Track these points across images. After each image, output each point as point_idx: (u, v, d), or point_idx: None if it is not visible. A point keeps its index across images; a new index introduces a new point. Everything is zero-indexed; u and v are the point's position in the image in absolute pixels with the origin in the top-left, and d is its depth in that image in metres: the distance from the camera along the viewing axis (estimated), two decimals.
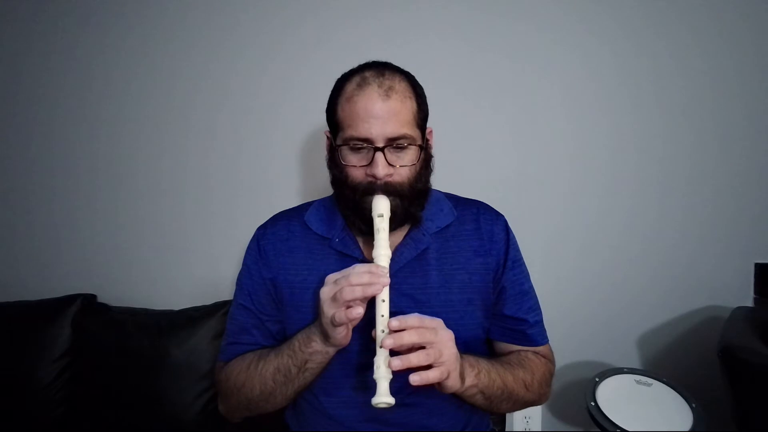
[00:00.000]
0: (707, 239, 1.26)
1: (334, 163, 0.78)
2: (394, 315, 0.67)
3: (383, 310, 0.67)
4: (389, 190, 0.73)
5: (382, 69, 0.74)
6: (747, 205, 1.24)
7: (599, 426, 1.02)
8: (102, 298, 1.41)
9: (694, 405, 1.05)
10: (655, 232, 1.28)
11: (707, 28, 1.21)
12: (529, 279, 0.86)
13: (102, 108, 1.40)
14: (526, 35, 1.25)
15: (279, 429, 0.89)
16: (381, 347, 0.64)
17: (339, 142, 0.75)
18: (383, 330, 0.65)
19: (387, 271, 0.68)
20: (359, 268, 0.67)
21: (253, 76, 1.34)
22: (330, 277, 0.68)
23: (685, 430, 0.99)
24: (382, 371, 0.64)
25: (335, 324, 0.66)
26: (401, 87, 0.73)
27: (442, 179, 0.85)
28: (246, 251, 0.86)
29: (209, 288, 1.38)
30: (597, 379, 1.12)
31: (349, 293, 0.64)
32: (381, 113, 0.70)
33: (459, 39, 1.27)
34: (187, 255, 1.42)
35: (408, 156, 0.74)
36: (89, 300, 1.37)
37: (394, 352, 0.64)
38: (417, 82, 0.78)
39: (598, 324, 1.31)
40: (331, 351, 0.72)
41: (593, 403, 1.05)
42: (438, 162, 0.81)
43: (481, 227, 0.83)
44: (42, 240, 1.46)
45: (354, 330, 0.70)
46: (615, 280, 1.30)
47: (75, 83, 1.40)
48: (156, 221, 1.42)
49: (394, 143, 0.72)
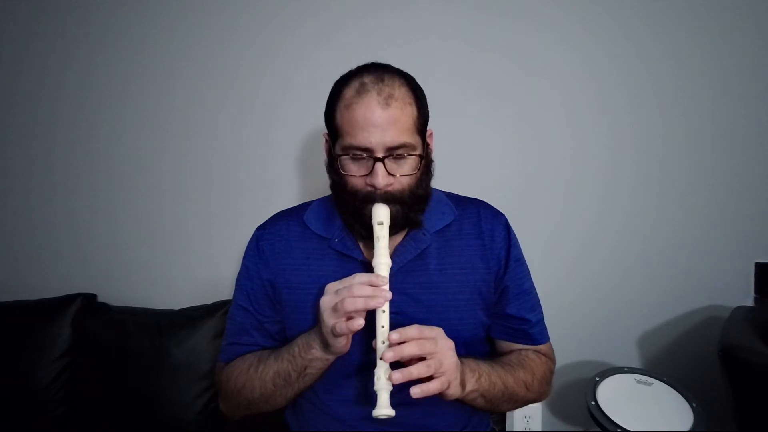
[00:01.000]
0: (707, 239, 1.26)
1: (333, 169, 0.77)
2: (394, 315, 0.67)
3: (383, 320, 0.66)
4: (389, 198, 0.72)
5: (381, 73, 0.72)
6: (747, 205, 1.24)
7: (600, 425, 1.02)
8: (102, 297, 1.41)
9: (694, 404, 1.05)
10: (656, 231, 1.28)
11: (707, 28, 1.21)
12: (530, 278, 0.86)
13: (102, 108, 1.40)
14: (526, 35, 1.25)
15: (279, 428, 0.89)
16: (381, 359, 0.64)
17: (338, 149, 0.73)
18: (383, 341, 0.65)
19: (387, 282, 0.68)
20: (360, 278, 0.66)
21: (253, 76, 1.34)
22: (330, 287, 0.68)
23: (686, 429, 0.99)
24: (382, 383, 0.64)
25: (335, 334, 0.66)
26: (401, 93, 0.71)
27: (442, 179, 0.84)
28: (245, 251, 0.86)
29: (209, 288, 1.38)
30: (597, 379, 1.12)
31: (351, 305, 0.64)
32: (380, 122, 0.68)
33: (459, 39, 1.27)
34: (187, 255, 1.42)
35: (408, 164, 0.73)
36: (89, 300, 1.37)
37: (395, 362, 0.64)
38: (417, 84, 0.76)
39: (598, 323, 1.31)
40: (331, 358, 0.72)
41: (594, 403, 1.05)
42: (438, 162, 0.81)
43: (482, 226, 0.83)
44: (42, 240, 1.46)
45: (354, 333, 0.69)
46: (615, 279, 1.30)
47: (75, 83, 1.40)
48: (156, 221, 1.42)
49: (394, 153, 0.70)
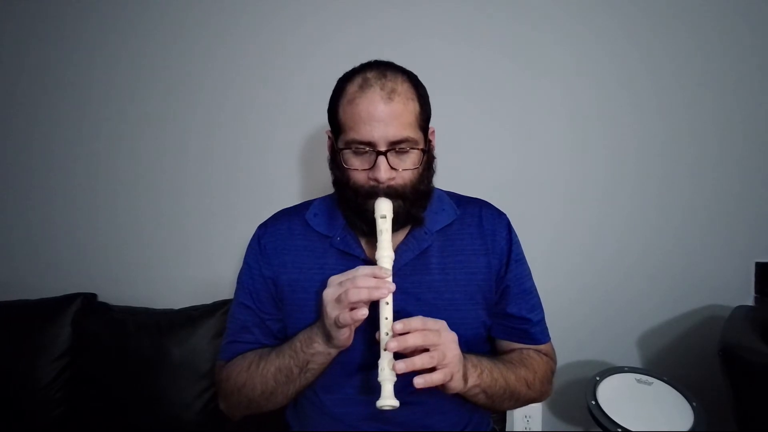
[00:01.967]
0: (707, 239, 1.26)
1: (335, 165, 0.77)
2: (396, 314, 0.67)
3: (387, 312, 0.66)
4: (392, 193, 0.72)
5: (384, 69, 0.73)
6: (747, 205, 1.24)
7: (600, 425, 1.02)
8: (102, 297, 1.41)
9: (694, 404, 1.05)
10: (656, 231, 1.28)
11: (707, 28, 1.21)
12: (531, 277, 0.86)
13: (102, 108, 1.40)
14: (526, 36, 1.25)
15: (279, 428, 0.89)
16: (385, 350, 0.64)
17: (341, 144, 0.74)
18: (387, 333, 0.65)
19: (390, 273, 0.68)
20: (363, 270, 0.67)
21: (253, 76, 1.34)
22: (333, 279, 0.68)
23: (686, 429, 0.99)
24: (386, 374, 0.64)
25: (339, 325, 0.66)
26: (403, 88, 0.72)
27: (443, 179, 0.85)
28: (247, 249, 0.86)
29: (209, 287, 1.38)
30: (597, 378, 1.12)
31: (355, 295, 0.64)
32: (383, 116, 0.69)
33: (460, 39, 1.27)
34: (187, 254, 1.41)
35: (411, 159, 0.73)
36: (89, 299, 1.37)
37: (397, 354, 0.64)
38: (420, 82, 0.76)
39: (598, 323, 1.31)
40: (333, 352, 0.72)
41: (594, 402, 1.05)
42: (439, 162, 0.81)
43: (484, 226, 0.83)
44: (42, 240, 1.46)
45: (356, 330, 0.70)
46: (615, 279, 1.30)
47: (75, 83, 1.40)
48: (156, 221, 1.41)
49: (396, 147, 0.71)
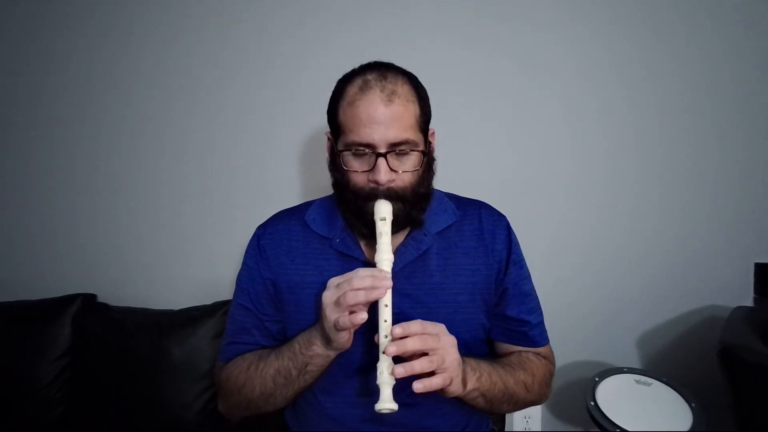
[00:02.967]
0: (707, 239, 1.26)
1: (335, 167, 0.77)
2: (395, 316, 0.67)
3: (386, 315, 0.66)
4: (391, 195, 0.72)
5: (384, 71, 0.72)
6: (747, 205, 1.24)
7: (599, 426, 1.02)
8: (102, 297, 1.41)
9: (693, 404, 1.05)
10: (655, 231, 1.28)
11: (707, 28, 1.21)
12: (531, 280, 0.86)
13: (102, 108, 1.40)
14: (526, 36, 1.25)
15: (279, 429, 0.89)
16: (384, 353, 0.64)
17: (340, 146, 0.74)
18: (386, 336, 0.65)
19: (389, 275, 0.68)
20: (362, 272, 0.67)
21: (253, 76, 1.34)
22: (332, 281, 0.68)
23: (685, 429, 0.99)
24: (385, 377, 0.64)
25: (338, 328, 0.66)
26: (404, 90, 0.71)
27: (442, 180, 0.84)
28: (246, 251, 0.86)
29: (209, 287, 1.38)
30: (597, 379, 1.12)
31: (353, 297, 0.64)
32: (383, 118, 0.69)
33: (459, 40, 1.27)
34: (187, 255, 1.42)
35: (410, 161, 0.73)
36: (89, 299, 1.37)
37: (397, 356, 0.64)
38: (420, 83, 0.76)
39: (598, 323, 1.31)
40: (332, 354, 0.72)
41: (593, 403, 1.05)
42: (439, 163, 0.81)
43: (483, 228, 0.83)
44: (42, 240, 1.46)
45: (355, 331, 0.70)
46: (615, 279, 1.30)
47: (75, 84, 1.40)
48: (156, 221, 1.42)
49: (396, 149, 0.71)
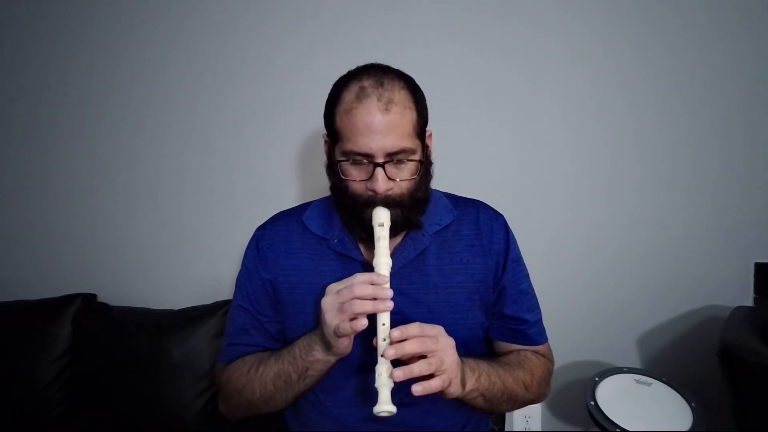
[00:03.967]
0: (707, 239, 1.26)
1: (333, 173, 0.77)
2: (394, 315, 0.67)
3: (384, 318, 0.66)
4: (389, 202, 0.72)
5: (380, 77, 0.71)
6: (747, 205, 1.24)
7: (599, 425, 1.02)
8: (102, 297, 1.41)
9: (693, 404, 1.05)
10: (655, 231, 1.27)
11: (707, 29, 1.21)
12: (529, 278, 0.86)
13: (102, 108, 1.40)
14: (525, 37, 1.25)
15: (279, 429, 0.89)
16: (382, 356, 0.64)
17: (338, 154, 0.74)
18: (384, 339, 0.65)
19: (388, 281, 0.68)
20: (361, 278, 0.67)
21: (253, 77, 1.34)
22: (332, 287, 0.68)
23: (685, 429, 0.99)
24: (383, 380, 0.64)
25: (338, 334, 0.66)
26: (401, 97, 0.70)
27: (441, 180, 0.84)
28: (245, 252, 0.86)
29: (209, 288, 1.38)
30: (597, 379, 1.12)
31: (360, 307, 0.64)
32: (381, 127, 0.69)
33: (459, 41, 1.27)
34: (187, 255, 1.42)
35: (408, 169, 0.73)
36: (89, 299, 1.37)
37: (395, 359, 0.64)
38: (416, 86, 0.76)
39: (597, 323, 1.31)
40: (332, 359, 0.72)
41: (593, 403, 1.05)
42: (438, 163, 0.81)
43: (481, 227, 0.83)
44: (42, 240, 1.46)
45: None
46: (615, 279, 1.30)
47: (75, 84, 1.40)
48: (156, 221, 1.42)
49: (394, 158, 0.71)
